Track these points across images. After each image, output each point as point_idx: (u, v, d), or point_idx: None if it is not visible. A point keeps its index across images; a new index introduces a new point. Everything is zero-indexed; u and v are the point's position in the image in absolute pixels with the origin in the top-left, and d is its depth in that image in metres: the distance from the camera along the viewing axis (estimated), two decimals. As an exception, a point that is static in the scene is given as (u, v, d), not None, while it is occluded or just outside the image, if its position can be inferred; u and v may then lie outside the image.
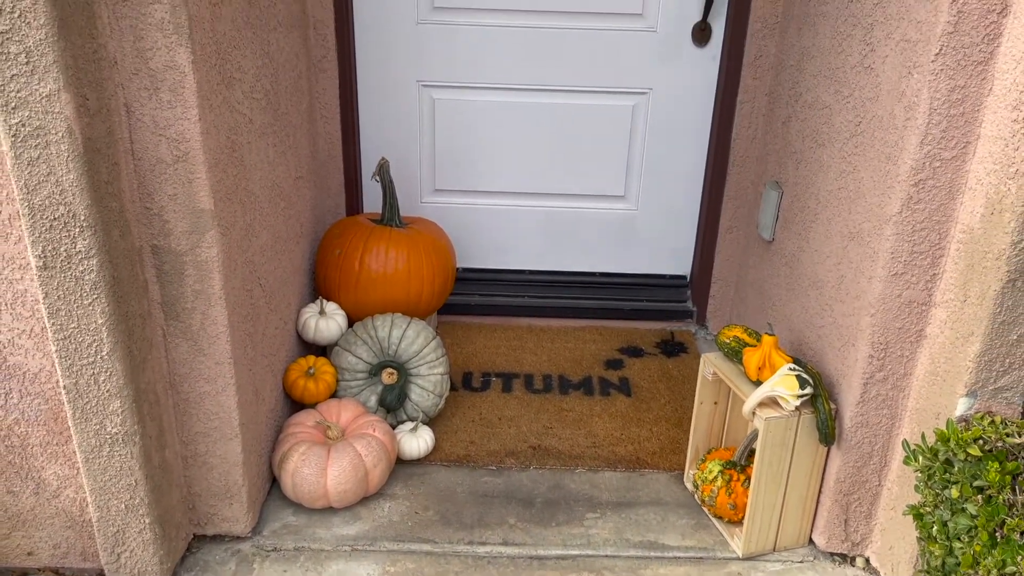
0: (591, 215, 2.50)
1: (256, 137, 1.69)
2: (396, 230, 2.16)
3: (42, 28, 1.15)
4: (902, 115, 1.40)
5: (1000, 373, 1.37)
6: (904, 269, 1.45)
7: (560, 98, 2.36)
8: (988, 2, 1.27)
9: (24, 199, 1.25)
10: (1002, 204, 1.28)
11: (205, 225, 1.44)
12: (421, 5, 2.25)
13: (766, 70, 2.18)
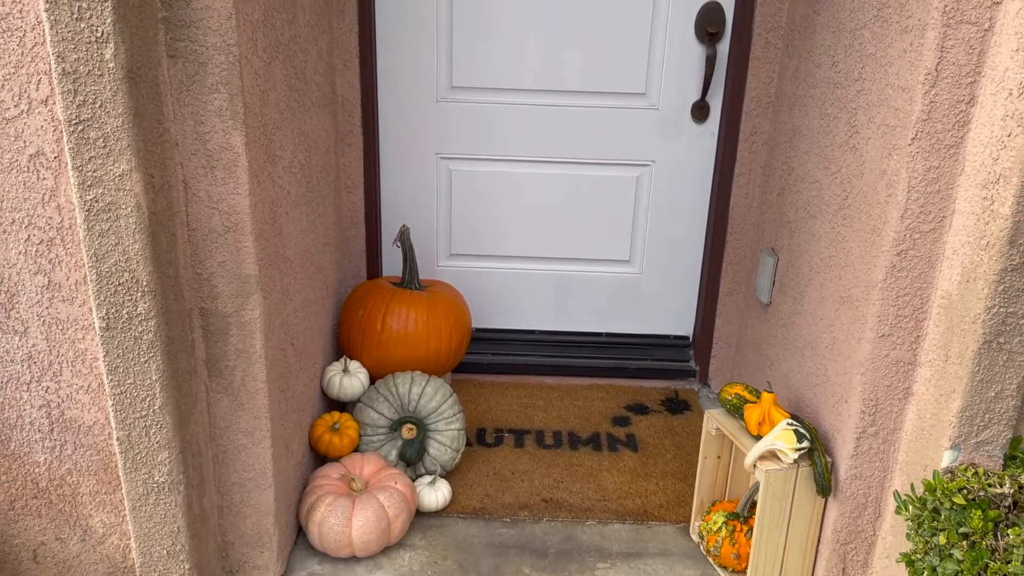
0: (598, 278, 2.64)
1: (292, 208, 1.84)
2: (415, 292, 2.30)
3: (120, 116, 1.30)
4: (884, 191, 1.55)
5: (981, 428, 1.48)
6: (891, 331, 1.58)
7: (569, 169, 2.52)
8: (958, 93, 1.42)
9: (93, 266, 1.38)
10: (976, 272, 1.42)
11: (250, 289, 1.57)
12: (440, 85, 2.43)
13: (761, 145, 2.35)
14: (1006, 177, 1.34)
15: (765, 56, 2.26)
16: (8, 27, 1.28)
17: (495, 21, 2.34)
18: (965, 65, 1.40)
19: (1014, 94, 1.32)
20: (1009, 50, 1.33)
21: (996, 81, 1.37)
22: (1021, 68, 1.31)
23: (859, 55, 1.69)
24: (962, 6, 1.37)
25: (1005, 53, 1.34)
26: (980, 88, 1.41)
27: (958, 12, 1.37)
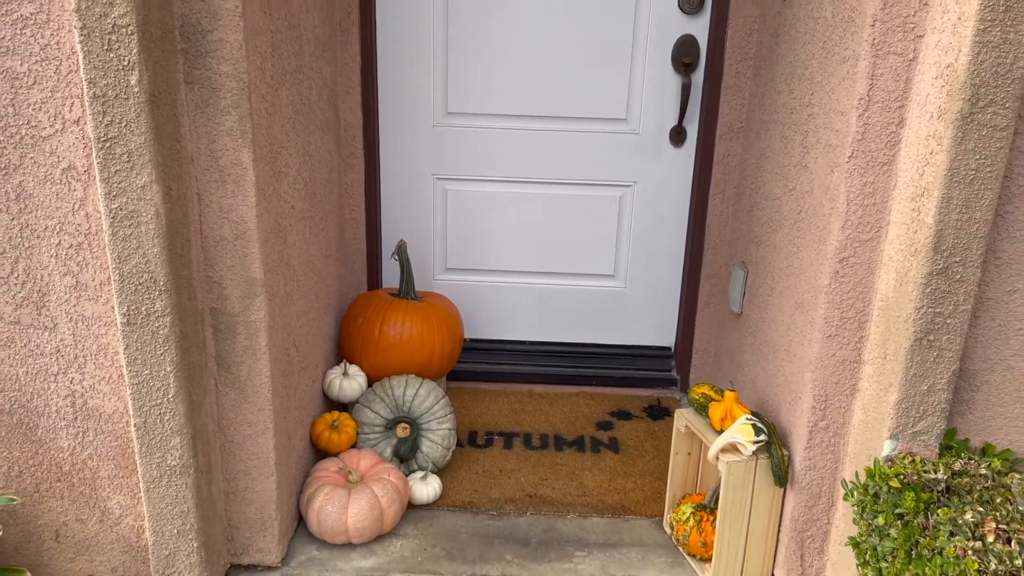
0: (584, 292, 2.80)
1: (296, 221, 2.01)
2: (411, 303, 2.46)
3: (142, 135, 1.48)
4: (828, 205, 1.71)
5: (916, 419, 1.63)
6: (836, 332, 1.73)
7: (556, 189, 2.69)
8: (888, 116, 1.59)
9: (116, 268, 1.56)
10: (907, 277, 1.57)
11: (256, 291, 1.74)
12: (436, 111, 2.61)
13: (733, 167, 2.52)
14: (929, 190, 1.50)
15: (736, 85, 2.43)
16: (47, 56, 1.47)
17: (488, 53, 2.53)
18: (894, 91, 1.57)
19: (935, 116, 1.49)
20: (930, 77, 1.50)
21: (920, 104, 1.53)
22: (940, 93, 1.47)
23: (809, 83, 1.86)
24: (889, 39, 1.54)
25: (927, 80, 1.51)
26: (908, 111, 1.57)
27: (885, 44, 1.54)
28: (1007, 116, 1.44)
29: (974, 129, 1.44)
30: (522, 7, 2.48)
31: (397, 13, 2.50)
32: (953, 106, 1.44)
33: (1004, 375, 1.63)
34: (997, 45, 1.40)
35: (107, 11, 1.40)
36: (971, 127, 1.44)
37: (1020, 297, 1.58)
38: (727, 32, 2.41)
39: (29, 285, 1.61)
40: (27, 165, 1.53)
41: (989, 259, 1.56)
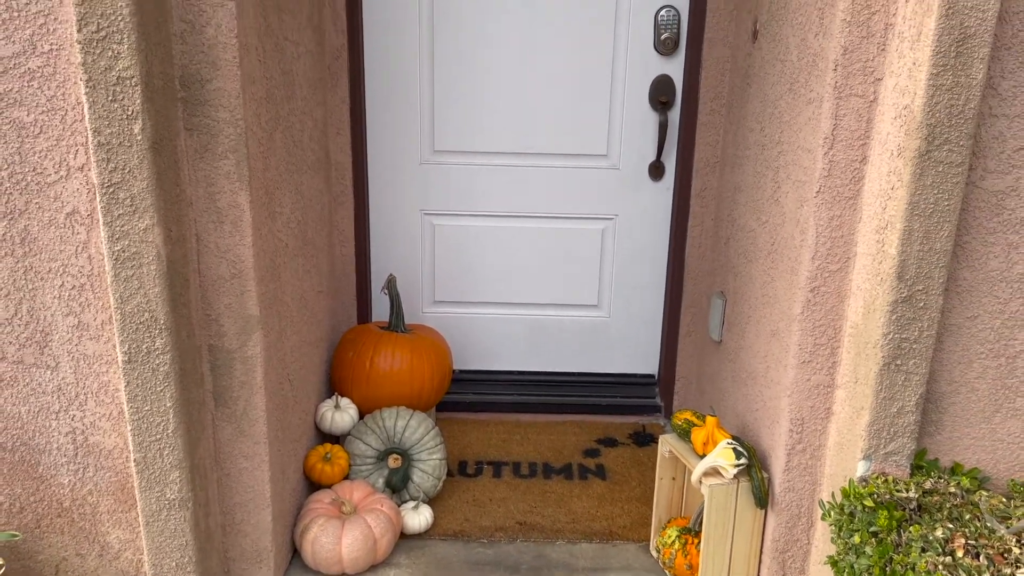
0: (569, 322, 2.88)
1: (289, 258, 2.08)
2: (401, 335, 2.53)
3: (145, 180, 1.55)
4: (799, 237, 1.80)
5: (887, 440, 1.70)
6: (811, 358, 1.81)
7: (541, 223, 2.78)
8: (852, 154, 1.68)
9: (118, 307, 1.62)
10: (874, 305, 1.66)
11: (252, 328, 1.80)
12: (423, 149, 2.70)
13: (710, 200, 2.61)
14: (892, 223, 1.59)
15: (710, 122, 2.54)
16: (53, 107, 1.54)
17: (472, 93, 2.62)
18: (856, 130, 1.66)
19: (895, 154, 1.58)
20: (890, 118, 1.60)
21: (881, 143, 1.63)
22: (899, 132, 1.57)
23: (778, 122, 1.96)
24: (850, 82, 1.64)
25: (887, 120, 1.61)
26: (870, 149, 1.67)
27: (847, 87, 1.64)
28: (961, 153, 1.53)
29: (931, 166, 1.54)
30: (505, 49, 2.58)
31: (384, 57, 2.59)
32: (911, 144, 1.54)
33: (969, 397, 1.72)
34: (950, 88, 1.50)
35: (112, 64, 1.47)
36: (929, 164, 1.53)
37: (980, 323, 1.67)
38: (701, 73, 2.52)
39: (32, 325, 1.66)
40: (32, 210, 1.59)
41: (950, 287, 1.65)
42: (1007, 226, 1.61)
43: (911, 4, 1.53)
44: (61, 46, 1.51)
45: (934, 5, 1.47)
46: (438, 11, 2.55)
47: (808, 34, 1.78)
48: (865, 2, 1.60)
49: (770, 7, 2.07)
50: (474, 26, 2.56)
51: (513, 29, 2.56)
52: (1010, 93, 1.55)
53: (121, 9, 1.44)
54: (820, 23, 1.71)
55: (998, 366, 1.69)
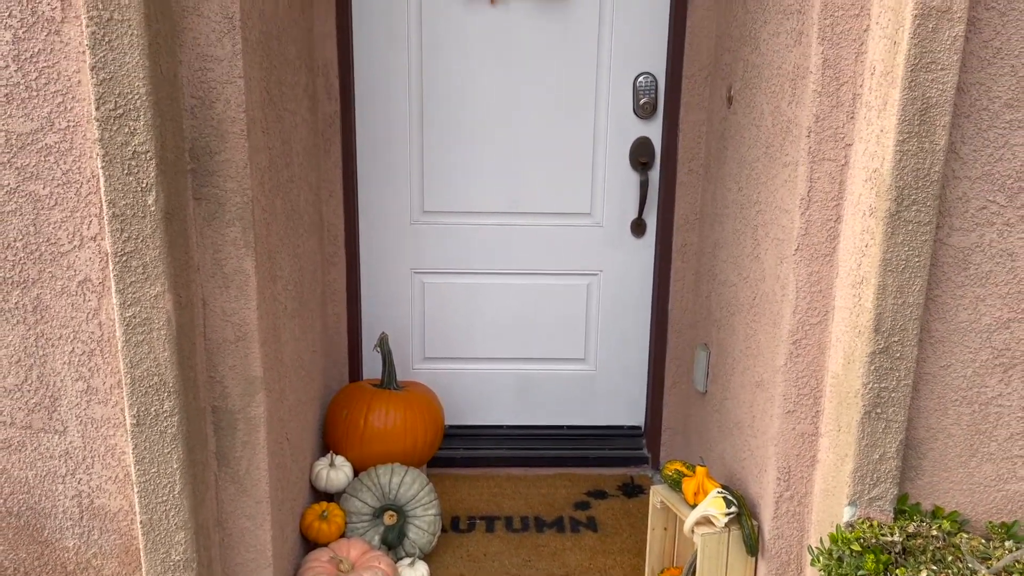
0: (557, 375, 2.95)
1: (288, 319, 2.14)
2: (394, 392, 2.58)
3: (157, 249, 1.61)
4: (780, 292, 1.90)
5: (871, 486, 1.78)
6: (795, 408, 1.89)
7: (527, 279, 2.86)
8: (827, 213, 1.79)
9: (128, 372, 1.66)
10: (853, 356, 1.75)
11: (255, 389, 1.85)
12: (413, 209, 2.79)
13: (691, 255, 2.72)
14: (867, 279, 1.69)
15: (689, 181, 2.65)
16: (68, 180, 1.61)
17: (461, 155, 2.72)
18: (830, 192, 1.77)
19: (867, 214, 1.69)
20: (861, 180, 1.71)
21: (854, 204, 1.74)
22: (870, 194, 1.68)
23: (756, 183, 2.07)
24: (823, 147, 1.75)
25: (859, 182, 1.72)
26: (844, 209, 1.78)
27: (820, 152, 1.76)
28: (929, 213, 1.64)
29: (902, 225, 1.64)
30: (492, 113, 2.69)
31: (376, 121, 2.69)
32: (882, 205, 1.65)
33: (946, 442, 1.80)
34: (915, 153, 1.61)
35: (128, 140, 1.54)
36: (899, 223, 1.64)
37: (953, 371, 1.76)
38: (678, 135, 2.64)
39: (42, 391, 1.70)
40: (45, 279, 1.65)
41: (924, 338, 1.74)
42: (974, 280, 1.72)
43: (876, 76, 1.66)
44: (78, 123, 1.58)
45: (898, 78, 1.59)
46: (427, 78, 2.66)
47: (781, 102, 1.90)
48: (834, 74, 1.72)
49: (743, 76, 2.20)
50: (462, 92, 2.68)
51: (499, 94, 2.68)
52: (971, 157, 1.67)
53: (138, 88, 1.52)
54: (792, 93, 1.84)
55: (972, 412, 1.78)
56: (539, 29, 2.63)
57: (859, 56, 1.71)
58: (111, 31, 1.50)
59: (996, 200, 1.69)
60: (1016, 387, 1.77)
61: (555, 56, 2.66)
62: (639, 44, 2.65)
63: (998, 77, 1.63)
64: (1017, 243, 1.70)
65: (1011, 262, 1.71)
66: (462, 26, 2.63)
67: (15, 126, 1.57)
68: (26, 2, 1.52)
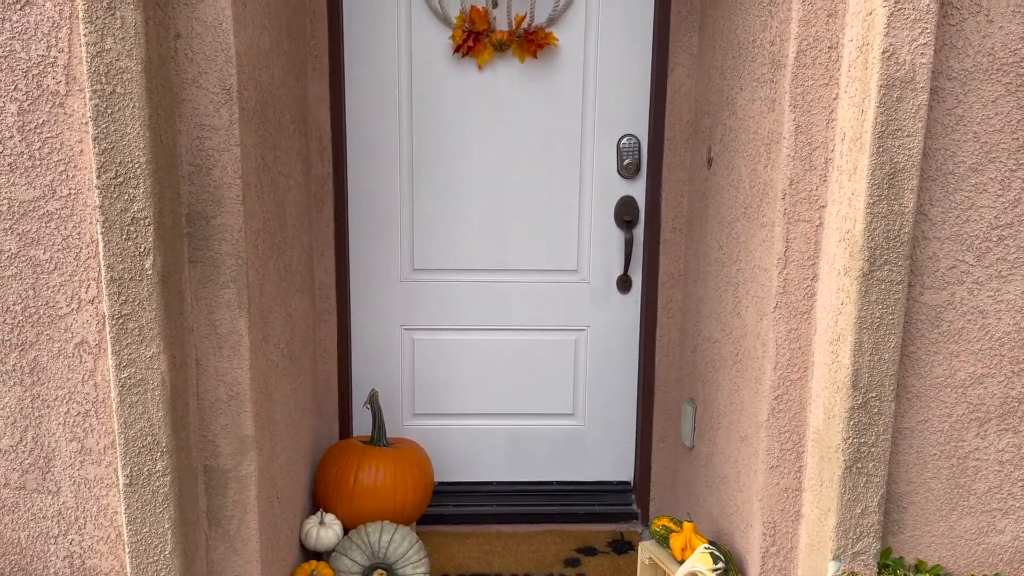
0: (546, 431, 2.97)
1: (280, 378, 2.17)
2: (384, 449, 2.60)
3: (153, 311, 1.65)
4: (760, 348, 1.95)
5: (854, 540, 1.81)
6: (778, 463, 1.92)
7: (516, 335, 2.91)
8: (804, 272, 1.85)
9: (122, 432, 1.69)
10: (833, 411, 1.79)
11: (247, 448, 1.88)
12: (404, 267, 2.84)
13: (676, 311, 2.77)
14: (844, 336, 1.75)
15: (672, 239, 2.73)
16: (68, 245, 1.65)
17: (450, 214, 2.79)
18: (806, 251, 1.84)
19: (842, 273, 1.75)
20: (835, 240, 1.78)
21: (830, 263, 1.80)
22: (844, 254, 1.74)
23: (735, 242, 2.14)
24: (798, 209, 1.82)
25: (833, 243, 1.79)
26: (820, 268, 1.84)
27: (795, 213, 1.82)
28: (901, 272, 1.71)
29: (875, 284, 1.70)
30: (480, 173, 2.77)
31: (367, 182, 2.76)
32: (855, 265, 1.71)
33: (926, 496, 1.84)
34: (885, 215, 1.68)
35: (128, 206, 1.60)
36: (872, 282, 1.70)
37: (931, 426, 1.81)
38: (661, 194, 2.72)
39: (36, 452, 1.72)
40: (43, 341, 1.68)
41: (901, 393, 1.79)
42: (947, 336, 1.77)
43: (847, 142, 1.74)
44: (79, 190, 1.63)
45: (866, 144, 1.67)
46: (417, 139, 2.74)
47: (758, 166, 1.98)
48: (806, 139, 1.80)
49: (722, 139, 2.29)
50: (451, 153, 2.76)
51: (487, 154, 2.76)
52: (939, 219, 1.74)
53: (139, 157, 1.58)
54: (768, 157, 1.91)
55: (950, 466, 1.82)
56: (525, 92, 2.73)
57: (830, 123, 1.79)
58: (114, 104, 1.57)
59: (965, 259, 1.75)
60: (992, 441, 1.81)
61: (541, 118, 2.75)
62: (622, 107, 2.74)
63: (962, 143, 1.71)
64: (987, 301, 1.76)
65: (982, 319, 1.77)
66: (451, 89, 2.72)
67: (18, 194, 1.62)
68: (32, 76, 1.59)
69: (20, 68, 1.58)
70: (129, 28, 1.55)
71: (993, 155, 1.71)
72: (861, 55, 1.67)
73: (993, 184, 1.72)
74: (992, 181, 1.72)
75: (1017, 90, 1.69)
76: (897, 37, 1.62)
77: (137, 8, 1.55)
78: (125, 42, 1.56)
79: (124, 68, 1.56)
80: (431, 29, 2.67)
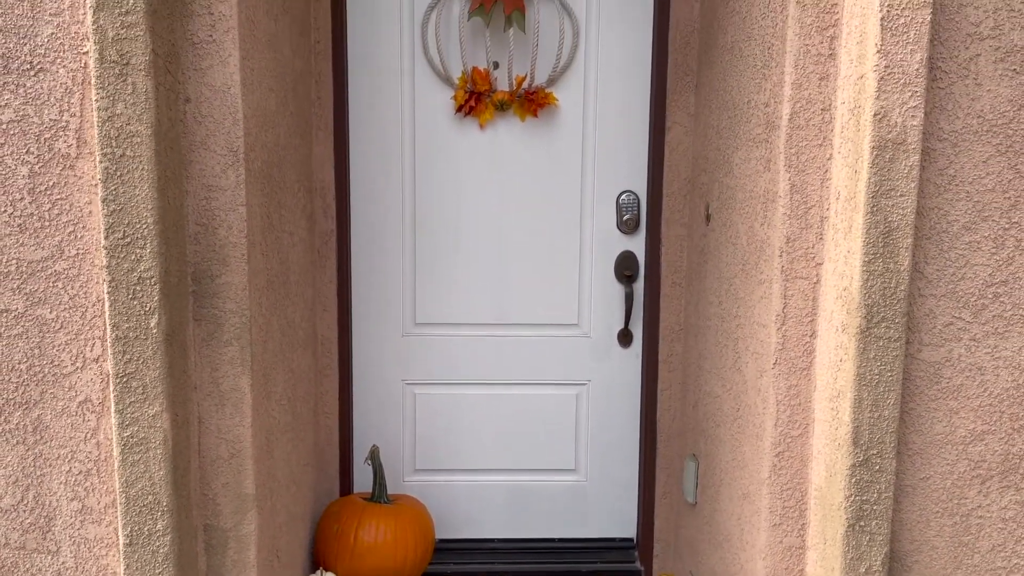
0: (548, 487, 2.95)
1: (281, 434, 2.17)
2: (385, 506, 2.58)
3: (157, 370, 1.67)
4: (761, 404, 1.95)
5: (860, 599, 1.79)
6: (781, 521, 1.91)
7: (517, 390, 2.91)
8: (802, 329, 1.87)
9: (123, 491, 1.69)
10: (835, 468, 1.79)
11: (247, 507, 1.87)
12: (405, 322, 2.86)
13: (677, 365, 2.78)
14: (843, 392, 1.75)
15: (672, 293, 2.75)
16: (74, 304, 1.68)
17: (452, 268, 2.82)
18: (804, 308, 1.86)
19: (839, 330, 1.77)
20: (832, 297, 1.80)
21: (827, 320, 1.82)
22: (842, 311, 1.76)
23: (734, 298, 2.16)
24: (795, 266, 1.85)
25: (830, 299, 1.81)
26: (818, 324, 1.85)
27: (793, 271, 1.85)
28: (898, 329, 1.72)
29: (873, 341, 1.72)
30: (481, 229, 2.80)
31: (370, 238, 2.80)
32: (853, 322, 1.72)
33: (930, 555, 1.82)
34: (881, 273, 1.70)
35: (134, 266, 1.62)
36: (870, 339, 1.72)
37: (933, 483, 1.80)
38: (661, 249, 2.75)
39: (37, 511, 1.72)
40: (47, 400, 1.69)
41: (902, 450, 1.79)
42: (946, 393, 1.78)
43: (841, 201, 1.77)
44: (87, 250, 1.66)
45: (860, 203, 1.70)
46: (419, 197, 2.79)
47: (755, 223, 2.01)
48: (802, 198, 1.83)
49: (719, 196, 2.32)
50: (453, 209, 2.80)
51: (489, 211, 2.80)
52: (935, 276, 1.76)
53: (146, 218, 1.62)
54: (764, 215, 1.94)
55: (953, 524, 1.81)
56: (526, 150, 2.78)
57: (824, 182, 1.82)
58: (123, 166, 1.60)
59: (962, 316, 1.77)
60: (994, 499, 1.80)
61: (542, 175, 2.79)
62: (621, 164, 2.79)
63: (955, 202, 1.74)
64: (985, 358, 1.77)
65: (980, 376, 1.78)
66: (453, 148, 2.77)
67: (27, 254, 1.65)
68: (44, 140, 1.63)
69: (32, 132, 1.63)
70: (140, 94, 1.59)
71: (986, 214, 1.74)
72: (853, 117, 1.71)
73: (987, 242, 1.75)
74: (986, 239, 1.75)
75: (1007, 151, 1.72)
76: (888, 100, 1.66)
77: (148, 74, 1.59)
78: (136, 107, 1.60)
79: (134, 132, 1.60)
80: (434, 89, 2.74)
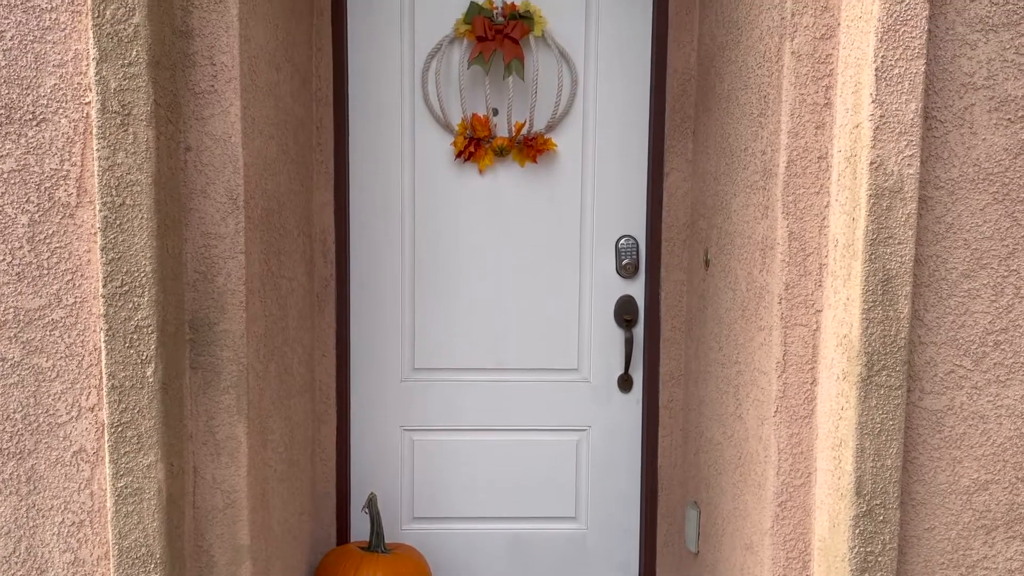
0: (549, 535, 2.91)
1: (277, 483, 2.15)
2: (382, 556, 2.54)
3: (152, 419, 1.65)
4: (763, 453, 1.93)
5: (866, 654, 1.75)
6: (784, 572, 1.88)
7: (517, 436, 2.88)
8: (803, 376, 1.86)
9: (116, 542, 1.66)
10: (838, 519, 1.76)
11: (242, 558, 1.84)
12: (404, 367, 2.84)
13: (678, 411, 2.76)
14: (845, 441, 1.74)
15: (672, 338, 2.74)
16: (71, 353, 1.67)
17: (451, 314, 2.81)
18: (804, 355, 1.85)
19: (840, 378, 1.75)
20: (832, 345, 1.79)
21: (828, 367, 1.81)
22: (842, 359, 1.75)
23: (734, 344, 2.15)
24: (795, 313, 1.84)
25: (830, 347, 1.80)
26: (818, 372, 1.84)
27: (792, 318, 1.84)
28: (899, 377, 1.71)
29: (874, 389, 1.71)
30: (481, 274, 2.81)
31: (369, 283, 2.80)
32: (854, 370, 1.71)
33: (937, 607, 1.79)
34: (881, 320, 1.70)
35: (132, 315, 1.62)
36: (871, 387, 1.71)
37: (938, 534, 1.77)
38: (660, 294, 2.75)
39: (29, 563, 1.69)
40: (41, 450, 1.68)
41: (906, 500, 1.77)
42: (949, 442, 1.76)
43: (840, 248, 1.77)
44: (84, 299, 1.66)
45: (859, 251, 1.70)
46: (419, 241, 2.79)
47: (753, 270, 2.01)
48: (800, 245, 1.83)
49: (718, 241, 2.33)
50: (453, 254, 2.80)
51: (488, 256, 2.80)
52: (935, 323, 1.76)
53: (145, 267, 1.62)
54: (763, 262, 1.95)
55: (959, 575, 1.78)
56: (525, 195, 2.79)
57: (822, 229, 1.82)
58: (123, 215, 1.61)
59: (963, 364, 1.76)
60: (1000, 549, 1.78)
61: (541, 220, 2.80)
62: (620, 209, 2.80)
63: (953, 250, 1.74)
64: (987, 406, 1.76)
65: (983, 424, 1.76)
66: (452, 193, 2.78)
67: (24, 303, 1.65)
68: (44, 189, 1.64)
69: (33, 181, 1.63)
70: (141, 143, 1.61)
71: (984, 261, 1.74)
72: (850, 165, 1.72)
73: (986, 290, 1.74)
74: (985, 287, 1.74)
75: (1004, 198, 1.73)
76: (884, 149, 1.67)
77: (150, 124, 1.61)
78: (136, 156, 1.61)
79: (134, 181, 1.61)
80: (434, 135, 2.76)
